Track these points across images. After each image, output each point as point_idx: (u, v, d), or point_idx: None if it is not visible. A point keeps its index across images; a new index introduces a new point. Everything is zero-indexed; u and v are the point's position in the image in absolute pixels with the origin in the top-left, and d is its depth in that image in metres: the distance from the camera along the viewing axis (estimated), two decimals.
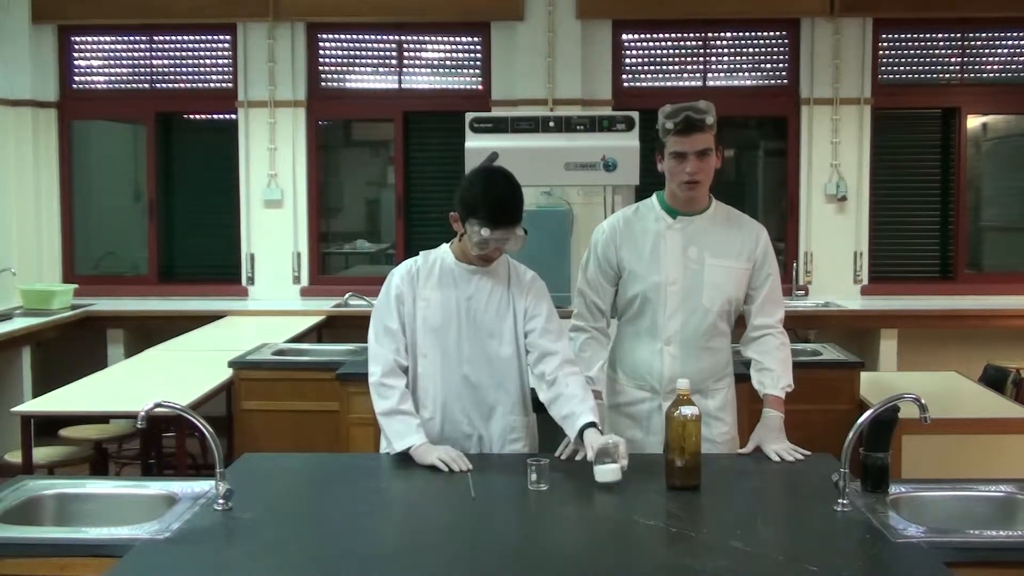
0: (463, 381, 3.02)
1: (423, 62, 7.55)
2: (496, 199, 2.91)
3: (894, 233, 7.42)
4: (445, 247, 3.10)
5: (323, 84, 7.51)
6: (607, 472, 2.70)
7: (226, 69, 7.51)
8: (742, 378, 3.29)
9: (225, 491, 2.55)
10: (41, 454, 4.60)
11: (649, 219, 3.17)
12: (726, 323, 3.17)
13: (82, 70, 7.61)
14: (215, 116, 7.71)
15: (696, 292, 3.10)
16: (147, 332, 6.63)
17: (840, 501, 2.52)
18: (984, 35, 7.36)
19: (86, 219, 7.68)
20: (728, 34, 7.43)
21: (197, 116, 7.88)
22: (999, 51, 7.44)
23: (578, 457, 2.95)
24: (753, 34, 7.41)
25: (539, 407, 3.08)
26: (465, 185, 2.99)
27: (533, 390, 3.07)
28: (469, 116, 4.47)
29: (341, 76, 7.55)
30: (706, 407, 3.05)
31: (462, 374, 3.02)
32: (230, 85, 7.47)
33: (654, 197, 3.21)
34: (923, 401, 2.62)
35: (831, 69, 7.21)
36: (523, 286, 3.05)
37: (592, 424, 2.85)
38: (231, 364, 4.71)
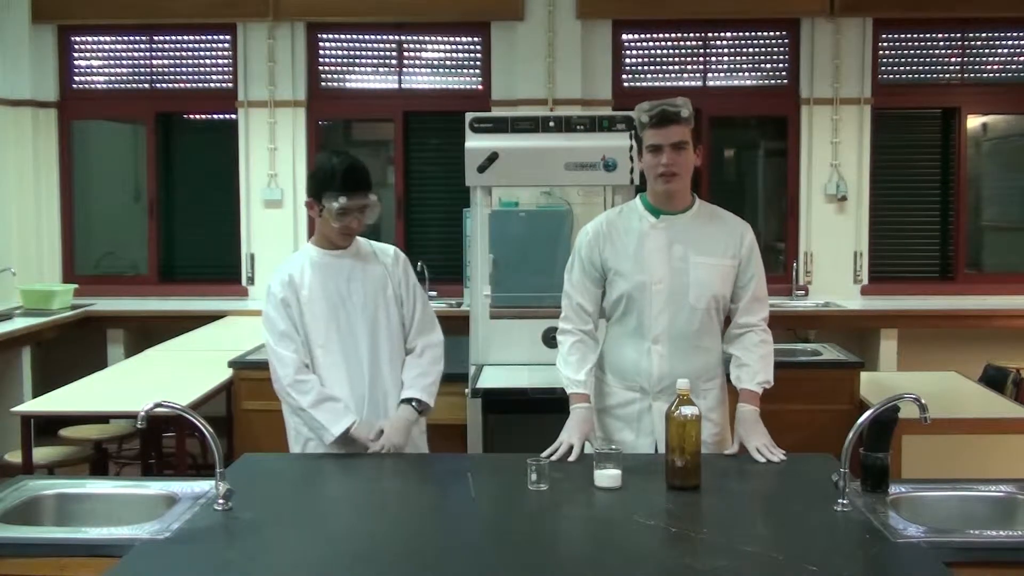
0: (364, 360, 3.17)
1: (423, 62, 7.55)
2: (346, 167, 3.10)
3: (894, 233, 7.42)
4: (307, 244, 3.27)
5: (323, 84, 7.51)
6: (608, 478, 2.70)
7: (226, 69, 7.51)
8: None
9: (225, 491, 2.55)
10: (41, 454, 4.60)
11: (633, 219, 3.17)
12: (714, 322, 3.16)
13: (82, 70, 7.61)
14: (215, 116, 7.72)
15: (682, 290, 3.10)
16: (147, 332, 6.63)
17: (840, 501, 2.52)
18: (984, 35, 7.36)
19: (86, 219, 7.68)
20: (728, 34, 7.43)
21: (197, 116, 7.88)
22: (999, 51, 7.44)
23: (570, 459, 2.95)
24: (753, 34, 7.41)
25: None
26: (315, 167, 3.21)
27: None
28: (469, 116, 4.46)
29: (341, 76, 7.55)
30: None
31: (361, 354, 3.17)
32: (230, 85, 7.47)
33: (637, 198, 3.22)
34: (923, 401, 2.62)
35: (831, 69, 7.21)
36: (390, 257, 3.27)
37: (410, 400, 3.15)
38: (231, 364, 4.71)
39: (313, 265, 3.19)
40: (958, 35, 7.34)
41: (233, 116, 7.46)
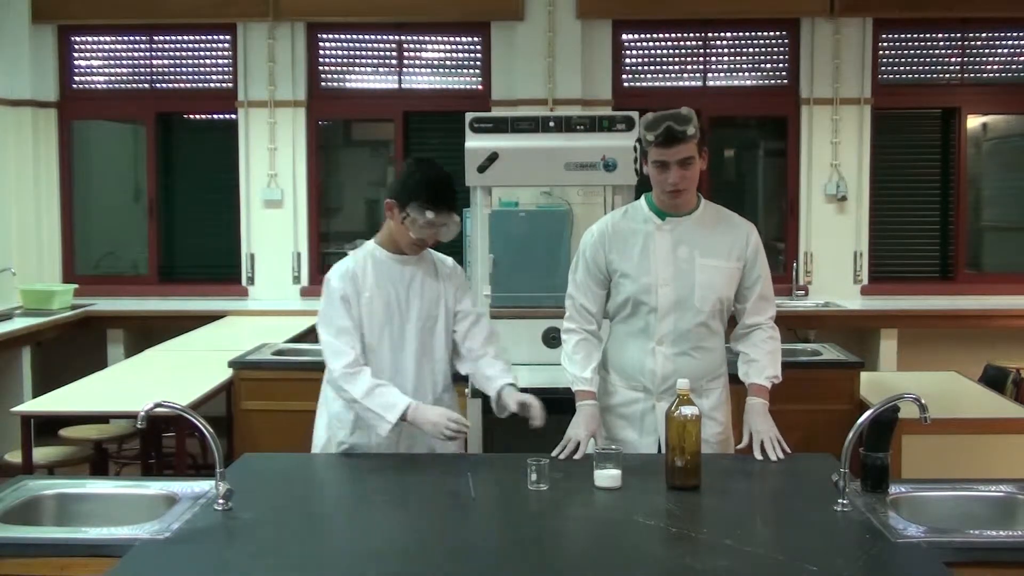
0: (410, 368, 3.14)
1: (423, 62, 7.55)
2: (439, 182, 3.06)
3: (894, 233, 7.42)
4: (371, 244, 3.22)
5: (323, 84, 7.51)
6: (608, 478, 2.71)
7: (226, 69, 7.51)
8: (736, 378, 3.28)
9: (225, 491, 2.55)
10: (41, 454, 4.60)
11: (638, 221, 3.17)
12: (719, 322, 3.17)
13: (82, 70, 7.61)
14: (215, 116, 7.71)
15: (687, 292, 3.10)
16: (147, 332, 6.63)
17: (840, 501, 2.52)
18: (984, 35, 7.36)
19: (86, 219, 7.68)
20: (728, 34, 7.43)
21: (197, 116, 7.88)
22: (999, 51, 7.44)
23: (576, 456, 2.97)
24: (753, 34, 7.41)
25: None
26: (405, 173, 3.13)
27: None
28: (469, 116, 4.46)
29: (341, 76, 7.55)
30: (700, 407, 3.04)
31: (409, 362, 3.14)
32: (230, 85, 7.47)
33: (642, 199, 3.21)
34: (923, 401, 2.62)
35: (831, 69, 7.21)
36: (448, 270, 3.24)
37: (510, 383, 3.10)
38: (231, 364, 4.71)
39: (376, 266, 3.16)
40: (958, 35, 7.34)
41: (233, 116, 7.46)
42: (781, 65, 7.41)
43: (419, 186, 3.04)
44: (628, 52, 7.41)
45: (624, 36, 7.37)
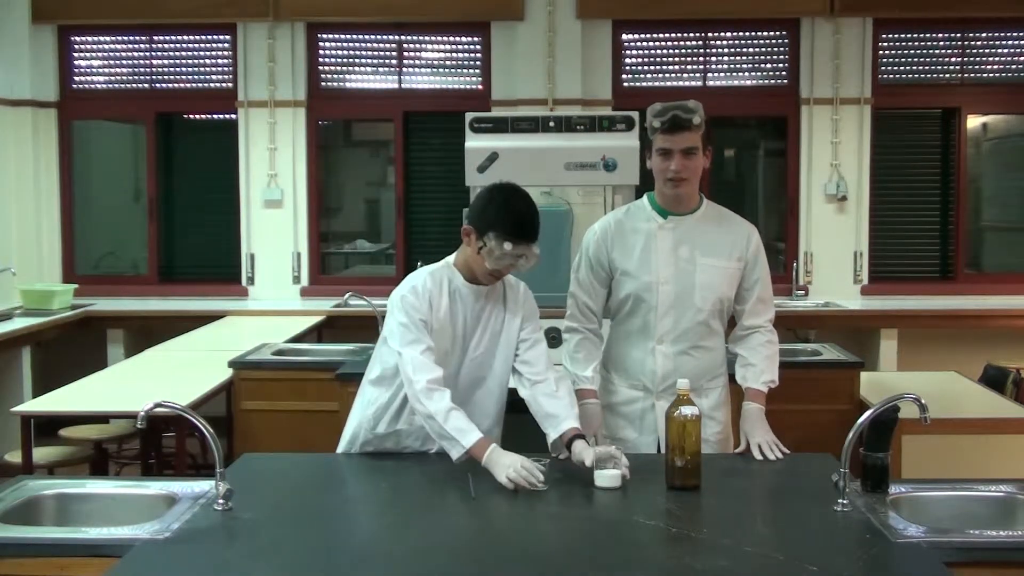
0: (461, 394, 2.97)
1: (423, 62, 7.55)
2: (521, 213, 2.88)
3: (894, 233, 7.42)
4: (449, 264, 3.02)
5: (323, 84, 7.51)
6: (608, 478, 2.71)
7: (226, 69, 7.51)
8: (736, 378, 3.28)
9: (225, 491, 2.55)
10: (41, 454, 4.60)
11: (640, 219, 3.18)
12: (719, 322, 3.18)
13: (82, 70, 7.61)
14: (215, 116, 7.71)
15: (688, 291, 3.11)
16: (147, 332, 6.63)
17: (840, 501, 2.52)
18: (984, 35, 7.36)
19: (86, 219, 7.68)
20: (728, 34, 7.43)
21: (197, 116, 7.88)
22: (999, 51, 7.44)
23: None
24: (753, 34, 7.41)
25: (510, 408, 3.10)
26: (485, 199, 2.93)
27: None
28: (469, 116, 4.47)
29: (341, 76, 7.55)
30: (699, 406, 3.04)
31: (461, 393, 2.98)
32: (230, 85, 7.47)
33: (645, 198, 3.23)
34: (923, 401, 2.62)
35: (831, 69, 7.21)
36: (518, 301, 3.05)
37: (579, 433, 2.86)
38: (231, 364, 4.71)
39: (452, 291, 2.96)
40: (958, 35, 7.34)
41: (233, 116, 7.46)
42: (781, 65, 7.41)
43: (499, 215, 2.85)
44: (628, 52, 7.41)
45: (624, 36, 7.37)
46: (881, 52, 7.32)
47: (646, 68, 7.45)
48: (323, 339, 6.54)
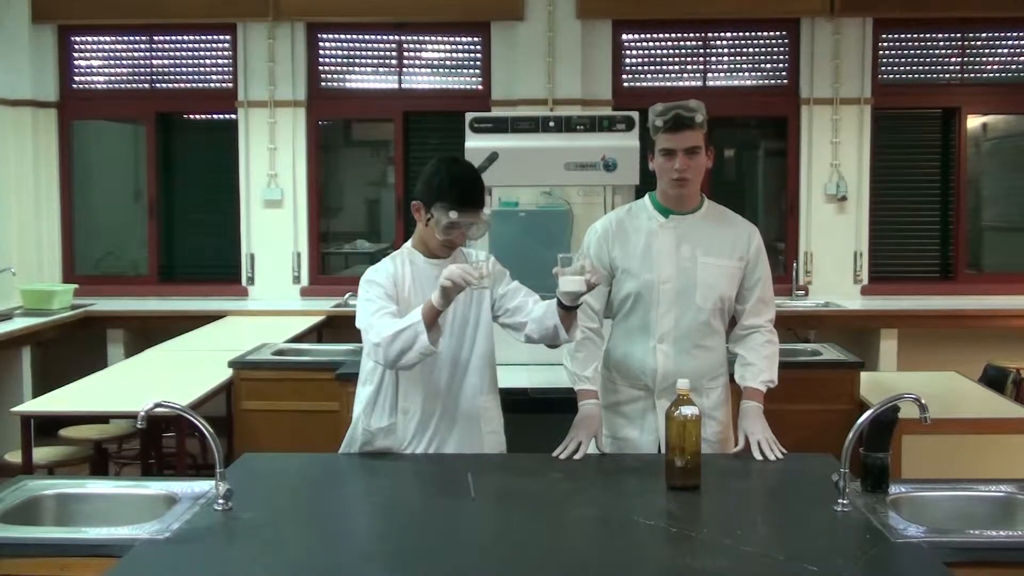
0: (445, 375, 3.02)
1: (423, 62, 7.55)
2: (462, 181, 2.94)
3: (894, 233, 7.42)
4: (408, 247, 3.09)
5: (323, 84, 7.51)
6: (571, 282, 2.74)
7: (226, 69, 7.51)
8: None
9: (225, 491, 2.55)
10: (41, 454, 4.60)
11: (642, 218, 3.19)
12: (720, 321, 3.18)
13: (82, 70, 7.61)
14: (215, 116, 7.72)
15: (689, 290, 3.11)
16: (147, 332, 6.63)
17: (840, 501, 2.52)
18: (984, 35, 7.36)
19: (86, 219, 7.68)
20: (728, 34, 7.43)
21: (197, 116, 7.89)
22: (999, 51, 7.44)
23: (577, 456, 2.97)
24: (753, 34, 7.41)
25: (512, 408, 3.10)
26: (429, 172, 3.00)
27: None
28: (469, 116, 4.47)
29: (341, 76, 7.55)
30: (700, 406, 3.03)
31: (445, 367, 3.02)
32: (230, 85, 7.47)
33: (646, 197, 3.23)
34: (923, 401, 2.62)
35: (831, 69, 7.22)
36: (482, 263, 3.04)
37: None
38: (231, 364, 4.71)
39: (415, 271, 3.02)
40: (958, 35, 7.34)
41: (233, 116, 7.46)
42: (781, 65, 7.41)
43: (442, 185, 2.92)
44: (628, 52, 7.41)
45: (624, 36, 7.37)
46: (881, 52, 7.33)
47: (646, 68, 7.45)
48: (323, 339, 6.54)
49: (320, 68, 7.49)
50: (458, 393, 3.03)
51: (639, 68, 7.44)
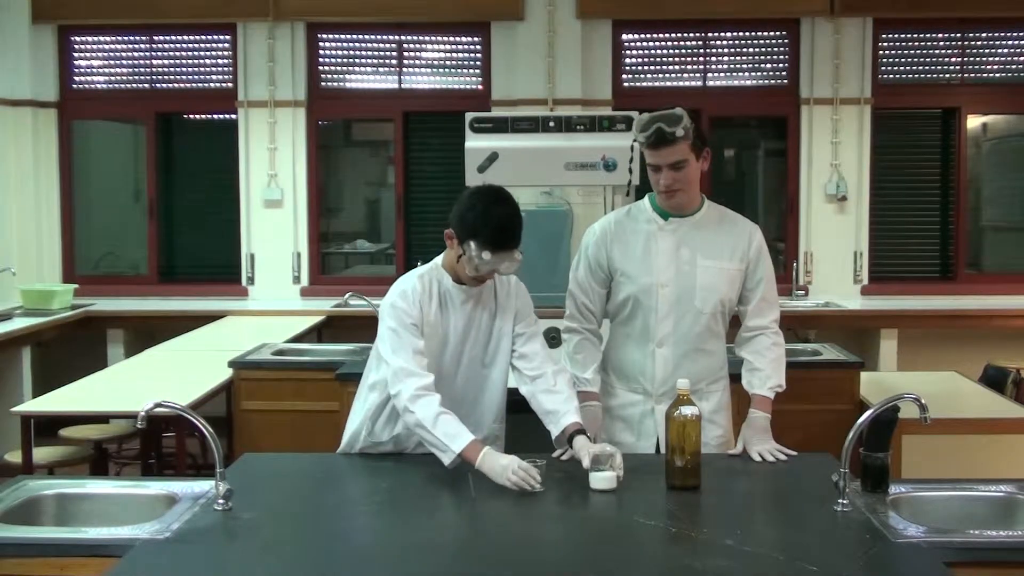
0: (455, 401, 2.96)
1: (423, 62, 7.55)
2: (499, 222, 2.83)
3: (894, 233, 7.42)
4: (438, 265, 3.00)
5: (323, 84, 7.51)
6: (603, 480, 2.70)
7: (226, 69, 7.51)
8: (737, 380, 3.27)
9: (225, 491, 2.55)
10: (41, 454, 4.60)
11: (640, 220, 3.17)
12: (720, 325, 3.16)
13: (82, 70, 7.61)
14: (215, 116, 7.72)
15: (688, 294, 3.09)
16: (147, 332, 6.63)
17: (840, 501, 2.52)
18: (984, 35, 7.36)
19: (86, 219, 7.68)
20: (728, 34, 7.43)
21: (197, 116, 7.88)
22: (999, 51, 7.44)
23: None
24: (753, 34, 7.41)
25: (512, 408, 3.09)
26: (465, 204, 2.88)
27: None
28: (469, 116, 4.48)
29: (341, 76, 7.55)
30: (700, 409, 3.04)
31: (455, 395, 2.98)
32: (230, 85, 7.47)
33: (646, 199, 3.20)
34: (923, 401, 2.62)
35: (831, 69, 7.21)
36: (510, 295, 3.04)
37: (579, 428, 2.85)
38: (231, 364, 4.71)
39: (442, 293, 2.96)
40: (958, 35, 7.34)
41: (233, 116, 7.46)
42: (781, 65, 7.41)
43: (478, 224, 2.81)
44: (628, 52, 7.41)
45: (624, 36, 7.37)
46: (881, 52, 7.33)
47: (646, 68, 7.45)
48: (323, 339, 6.54)
49: (320, 68, 7.49)
50: (467, 418, 2.92)
51: (639, 68, 7.44)
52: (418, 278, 2.96)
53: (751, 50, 7.44)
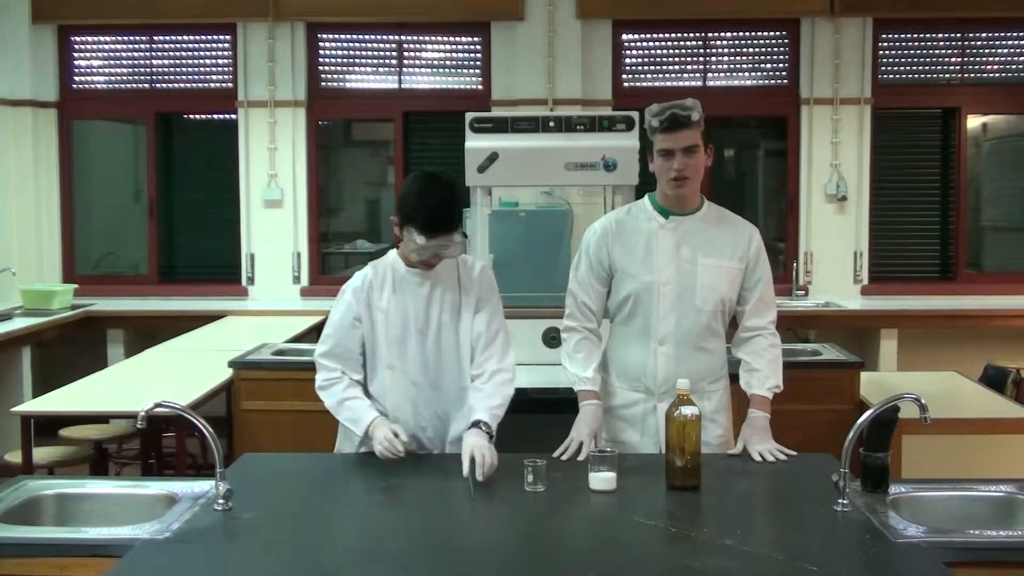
0: (425, 387, 3.04)
1: (423, 62, 7.55)
2: (432, 207, 2.88)
3: (894, 233, 7.42)
4: (394, 254, 3.09)
5: (323, 84, 7.51)
6: (602, 480, 2.70)
7: (226, 69, 7.51)
8: (737, 380, 3.27)
9: (225, 491, 2.55)
10: (41, 454, 4.60)
11: (641, 219, 3.17)
12: (720, 324, 3.16)
13: (82, 70, 7.60)
14: (215, 116, 7.72)
15: (689, 292, 3.10)
16: (147, 332, 6.63)
17: (840, 501, 2.53)
18: (984, 35, 7.36)
19: (86, 219, 7.68)
20: (728, 34, 7.43)
21: (197, 116, 7.88)
22: (999, 51, 7.44)
23: (580, 458, 2.96)
24: (753, 34, 7.41)
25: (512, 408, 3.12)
26: (404, 191, 2.96)
27: None
28: (469, 116, 4.46)
29: (341, 76, 7.55)
30: (701, 409, 3.04)
31: (423, 380, 3.04)
32: (230, 85, 7.47)
33: (646, 198, 3.22)
34: (923, 401, 2.62)
35: (831, 69, 7.21)
36: (472, 279, 3.08)
37: (478, 423, 2.90)
38: (231, 364, 4.71)
39: (396, 281, 3.03)
40: (958, 35, 7.34)
41: (233, 116, 7.46)
42: (781, 65, 7.41)
43: (413, 210, 2.89)
44: (628, 52, 7.41)
45: (624, 36, 7.37)
46: (881, 52, 7.32)
47: (646, 68, 7.45)
48: None
49: (320, 68, 7.49)
50: (445, 405, 3.09)
51: (639, 68, 7.44)
52: (372, 266, 3.09)
53: (751, 50, 7.44)
